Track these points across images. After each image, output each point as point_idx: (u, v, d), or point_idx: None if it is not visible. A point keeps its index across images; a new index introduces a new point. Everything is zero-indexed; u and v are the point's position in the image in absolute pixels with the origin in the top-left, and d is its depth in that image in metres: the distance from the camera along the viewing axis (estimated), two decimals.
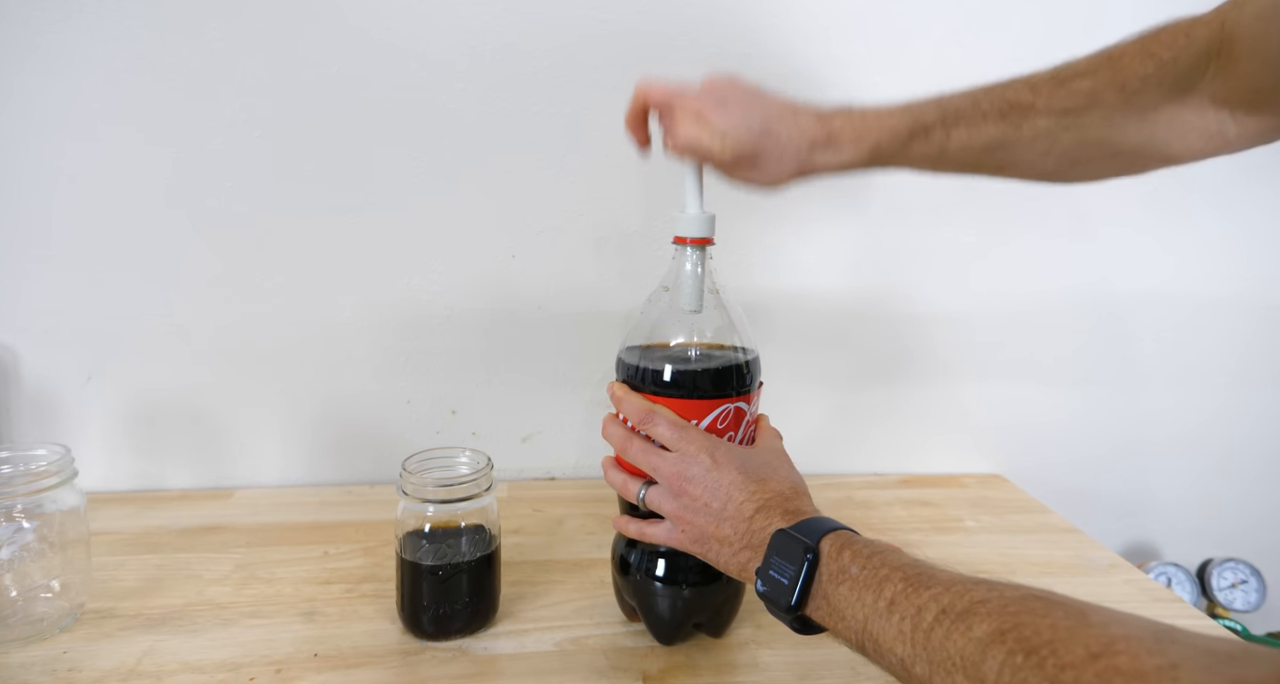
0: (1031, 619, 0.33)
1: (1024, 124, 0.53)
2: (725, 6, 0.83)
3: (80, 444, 0.66)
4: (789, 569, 0.44)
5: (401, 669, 0.56)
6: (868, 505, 0.88)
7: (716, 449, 0.52)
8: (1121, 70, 0.51)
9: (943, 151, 0.54)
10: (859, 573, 0.42)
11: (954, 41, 0.87)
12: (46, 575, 0.60)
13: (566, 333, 0.89)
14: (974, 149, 0.54)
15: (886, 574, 0.41)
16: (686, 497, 0.51)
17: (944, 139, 0.54)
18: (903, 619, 0.38)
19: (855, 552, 0.43)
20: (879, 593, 0.40)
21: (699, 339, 0.56)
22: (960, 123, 0.53)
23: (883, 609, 0.39)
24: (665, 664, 0.58)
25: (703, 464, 0.51)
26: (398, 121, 0.82)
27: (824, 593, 0.43)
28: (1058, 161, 0.54)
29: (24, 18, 0.75)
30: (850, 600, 0.41)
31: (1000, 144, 0.53)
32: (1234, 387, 1.00)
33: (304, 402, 0.87)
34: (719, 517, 0.50)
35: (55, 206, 0.79)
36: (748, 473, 0.51)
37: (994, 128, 0.53)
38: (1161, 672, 0.27)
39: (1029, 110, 0.52)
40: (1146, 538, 1.04)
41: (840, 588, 0.42)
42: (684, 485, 0.51)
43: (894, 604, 0.39)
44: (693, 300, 0.56)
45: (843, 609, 0.42)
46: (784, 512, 0.48)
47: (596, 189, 0.86)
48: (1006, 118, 0.53)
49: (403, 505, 0.59)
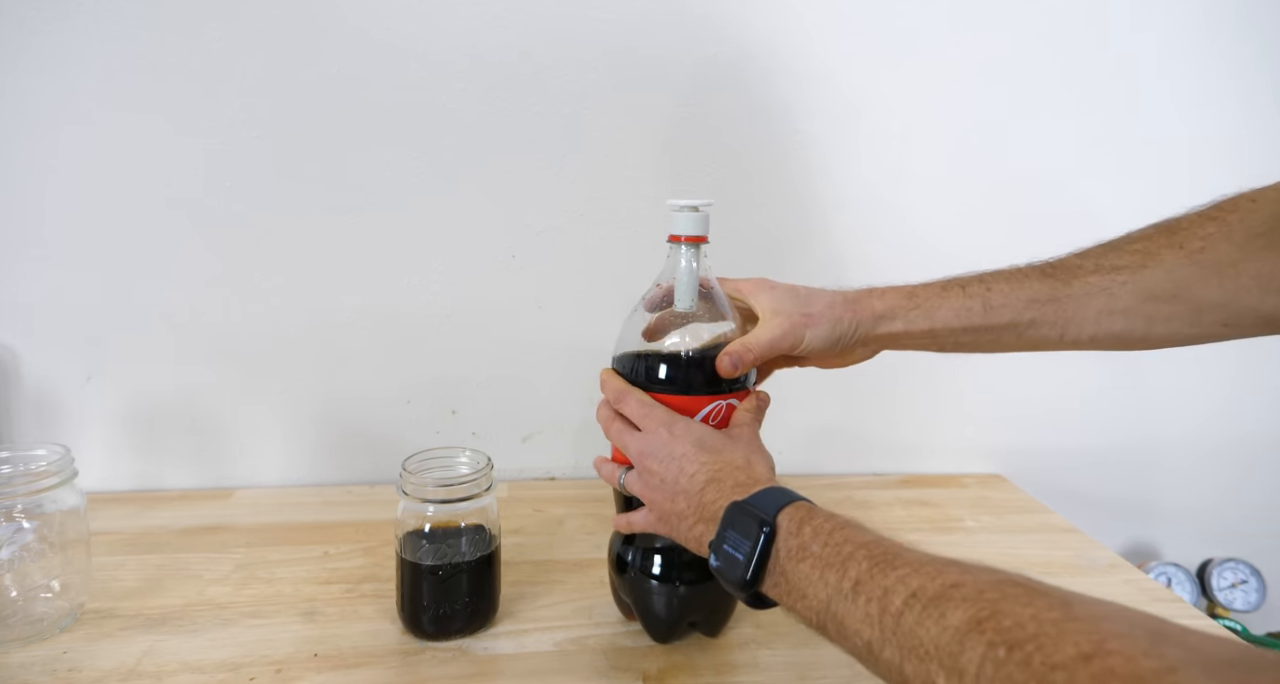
0: (1011, 608, 0.31)
1: (1073, 281, 0.52)
2: (725, 6, 0.83)
3: (80, 444, 0.66)
4: (744, 544, 0.43)
5: (401, 669, 0.56)
6: (868, 505, 0.88)
7: (675, 423, 0.52)
8: (1178, 233, 0.51)
9: (986, 304, 0.53)
10: (820, 550, 0.40)
11: (954, 42, 0.87)
12: (46, 575, 0.60)
13: (566, 333, 0.89)
14: (1019, 300, 0.53)
15: (850, 552, 0.39)
16: (648, 473, 0.51)
17: (983, 290, 0.54)
18: (869, 601, 0.36)
19: (816, 528, 0.41)
20: (843, 573, 0.38)
21: (692, 336, 0.56)
22: (999, 279, 0.54)
23: (847, 590, 0.38)
24: (665, 664, 0.58)
25: (660, 437, 0.51)
26: (398, 121, 0.82)
27: (782, 569, 0.41)
28: (1126, 320, 0.52)
29: (20, 16, 0.75)
30: (811, 579, 0.40)
31: (1050, 298, 0.52)
32: (1235, 387, 1.00)
33: (304, 401, 0.87)
34: (673, 490, 0.49)
35: (55, 207, 0.79)
36: (702, 445, 0.50)
37: (1038, 284, 0.53)
38: (1160, 676, 0.26)
39: (1075, 270, 0.52)
40: (1146, 538, 1.04)
41: (800, 565, 0.40)
42: (646, 462, 0.52)
43: (859, 585, 0.37)
44: (687, 298, 0.56)
45: (803, 588, 0.40)
46: (736, 483, 0.47)
47: (596, 189, 0.86)
48: (1051, 276, 0.53)
49: (403, 505, 0.60)
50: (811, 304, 0.55)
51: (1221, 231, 0.49)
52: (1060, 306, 0.52)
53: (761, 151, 0.88)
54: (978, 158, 0.91)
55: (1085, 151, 0.92)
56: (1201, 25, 0.90)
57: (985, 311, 0.53)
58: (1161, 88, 0.92)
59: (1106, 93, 0.91)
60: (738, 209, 0.89)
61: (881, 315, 0.55)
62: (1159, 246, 0.51)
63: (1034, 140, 0.91)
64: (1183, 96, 0.92)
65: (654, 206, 0.87)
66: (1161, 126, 0.93)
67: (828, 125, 0.88)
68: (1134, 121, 0.92)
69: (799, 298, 0.55)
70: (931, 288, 0.55)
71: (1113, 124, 0.92)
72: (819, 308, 0.55)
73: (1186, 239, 0.50)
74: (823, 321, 0.54)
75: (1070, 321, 0.53)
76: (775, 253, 0.90)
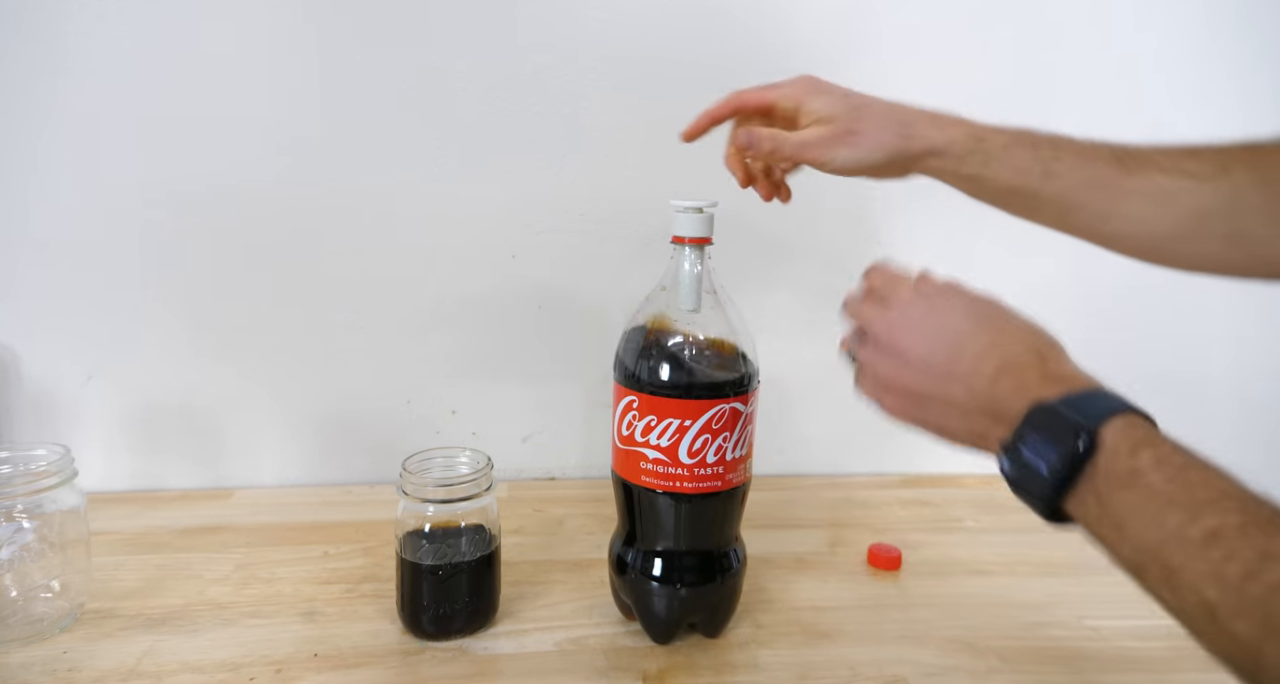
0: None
1: (1138, 173, 0.47)
2: (725, 6, 0.83)
3: (80, 444, 0.66)
4: (1051, 453, 0.35)
5: (401, 669, 0.56)
6: (868, 505, 0.88)
7: (934, 293, 0.44)
8: (1261, 154, 0.45)
9: (1048, 171, 0.48)
10: (1164, 485, 0.32)
11: (954, 42, 0.87)
12: (46, 575, 0.60)
13: (566, 333, 0.89)
14: (1078, 179, 0.48)
15: (1211, 497, 0.31)
16: (898, 354, 0.43)
17: (1051, 158, 0.49)
18: (1228, 560, 0.29)
19: (1160, 456, 0.33)
20: (1194, 517, 0.31)
21: (696, 339, 0.56)
22: (1069, 148, 0.49)
23: (1196, 538, 0.30)
24: (664, 664, 0.58)
25: (919, 310, 0.43)
26: (397, 122, 0.82)
27: (1098, 493, 0.34)
28: (1172, 227, 0.47)
29: (20, 15, 0.75)
30: (1141, 513, 0.32)
31: (1108, 184, 0.48)
32: (1235, 387, 1.00)
33: (304, 402, 0.87)
34: (945, 375, 0.40)
35: (55, 207, 0.79)
36: (982, 319, 0.42)
37: (1106, 167, 0.48)
38: None
39: (1145, 162, 0.47)
40: None
41: (1128, 494, 0.33)
42: (898, 337, 0.43)
43: (1217, 537, 0.30)
44: (690, 300, 0.56)
45: (1125, 519, 0.32)
46: (1042, 375, 0.38)
47: (596, 189, 0.86)
48: (1122, 162, 0.48)
49: (403, 505, 0.59)
50: (861, 120, 0.50)
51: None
52: (1113, 197, 0.47)
53: None
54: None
55: None
56: (1203, 24, 0.90)
57: (1044, 178, 0.48)
58: (1158, 85, 0.91)
59: (1109, 92, 0.91)
60: (740, 210, 0.89)
61: (937, 150, 0.50)
62: (1237, 162, 0.45)
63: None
64: (1180, 95, 0.92)
65: (656, 207, 0.87)
66: (1164, 126, 0.92)
67: None
68: (1136, 121, 0.92)
69: (852, 107, 0.50)
70: (1003, 135, 0.50)
71: (1113, 124, 0.92)
72: (869, 126, 0.50)
73: (1267, 163, 0.45)
74: (863, 145, 0.50)
75: (1117, 213, 0.48)
76: (776, 253, 0.90)
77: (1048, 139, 0.49)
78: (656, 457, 0.56)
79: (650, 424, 0.55)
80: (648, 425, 0.55)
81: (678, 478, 0.56)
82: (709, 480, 0.56)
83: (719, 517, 0.59)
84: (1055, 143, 0.49)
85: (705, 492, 0.56)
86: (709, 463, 0.55)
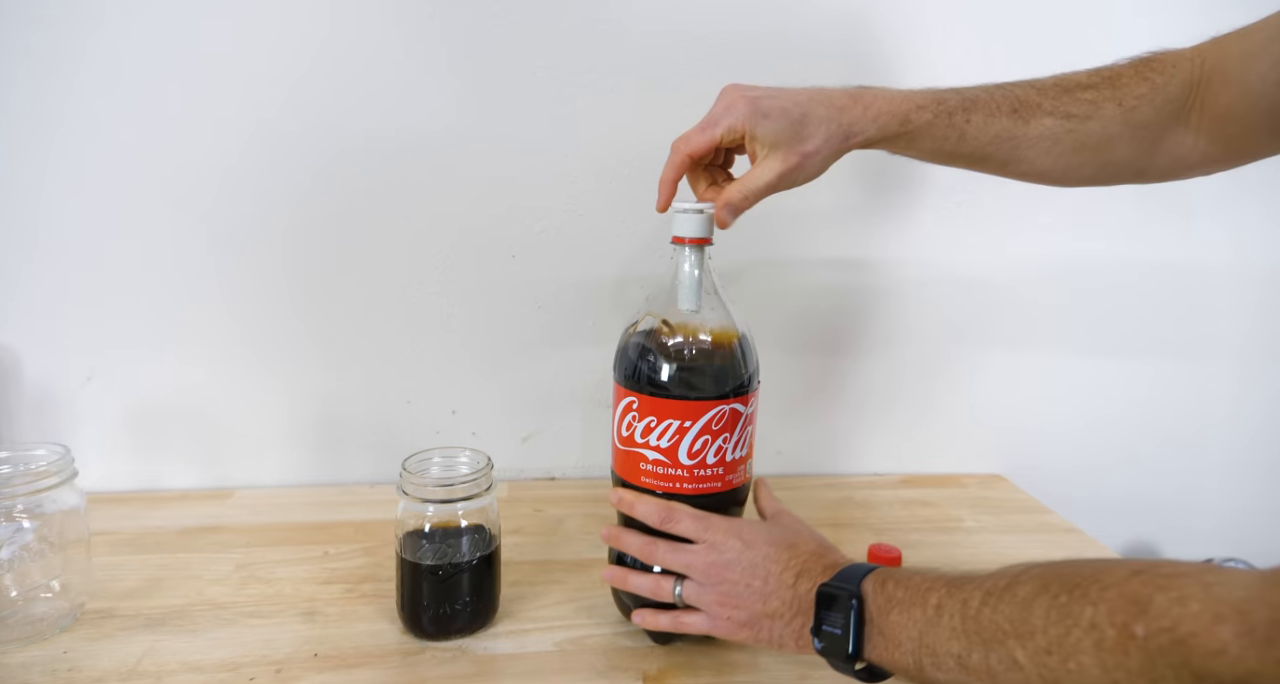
0: (1073, 569, 0.36)
1: (1031, 121, 0.56)
2: (724, 6, 0.83)
3: (80, 444, 0.66)
4: (839, 618, 0.46)
5: (401, 669, 0.56)
6: (868, 505, 0.88)
7: (742, 529, 0.53)
8: (1120, 88, 0.56)
9: (962, 135, 0.56)
10: (904, 595, 0.44)
11: (954, 42, 0.87)
12: (46, 575, 0.60)
13: (566, 333, 0.89)
14: (987, 136, 0.56)
15: (928, 586, 0.43)
16: (727, 583, 0.52)
17: (964, 123, 0.56)
18: (951, 616, 0.40)
19: (897, 580, 0.45)
20: (925, 604, 0.42)
21: (696, 340, 0.56)
22: (977, 109, 0.56)
23: (931, 616, 0.41)
24: (664, 664, 0.58)
25: (734, 547, 0.52)
26: (397, 121, 0.82)
27: (878, 628, 0.44)
28: (1055, 162, 0.57)
29: (24, 14, 0.75)
30: (902, 623, 0.43)
31: (1009, 136, 0.56)
32: (1235, 388, 1.00)
33: (304, 402, 0.87)
34: (763, 594, 0.51)
35: (55, 207, 0.79)
36: (777, 543, 0.52)
37: (1006, 120, 0.56)
38: (1203, 570, 0.32)
39: (1036, 109, 0.56)
40: (1146, 538, 1.04)
41: (890, 616, 0.44)
42: (723, 573, 0.52)
43: (941, 608, 0.41)
44: (691, 300, 0.56)
45: (897, 635, 0.43)
46: (822, 568, 0.50)
47: (596, 189, 0.86)
48: (1017, 113, 0.56)
49: (403, 505, 0.59)
50: (808, 137, 0.54)
51: (1149, 93, 0.56)
52: (1015, 145, 0.57)
53: None
54: None
55: None
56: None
57: (959, 142, 0.56)
58: None
59: None
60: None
61: (871, 140, 0.56)
62: (1104, 99, 0.56)
63: None
64: None
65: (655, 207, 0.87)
66: None
67: None
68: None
69: (793, 123, 0.53)
70: (924, 113, 0.56)
71: None
72: (816, 142, 0.54)
73: (1125, 96, 0.56)
74: (816, 162, 0.54)
75: (1015, 159, 0.58)
76: (777, 254, 0.90)
77: (960, 102, 0.56)
78: (656, 457, 0.56)
79: (650, 425, 0.55)
80: (647, 426, 0.55)
81: (677, 479, 0.56)
82: (709, 481, 0.56)
83: None
84: (966, 105, 0.56)
85: (705, 492, 0.56)
86: (709, 464, 0.55)
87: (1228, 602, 0.30)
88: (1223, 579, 0.31)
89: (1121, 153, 0.57)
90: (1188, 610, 0.30)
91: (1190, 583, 0.31)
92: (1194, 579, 0.31)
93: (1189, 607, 0.31)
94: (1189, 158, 0.57)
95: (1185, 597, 0.31)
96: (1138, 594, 0.32)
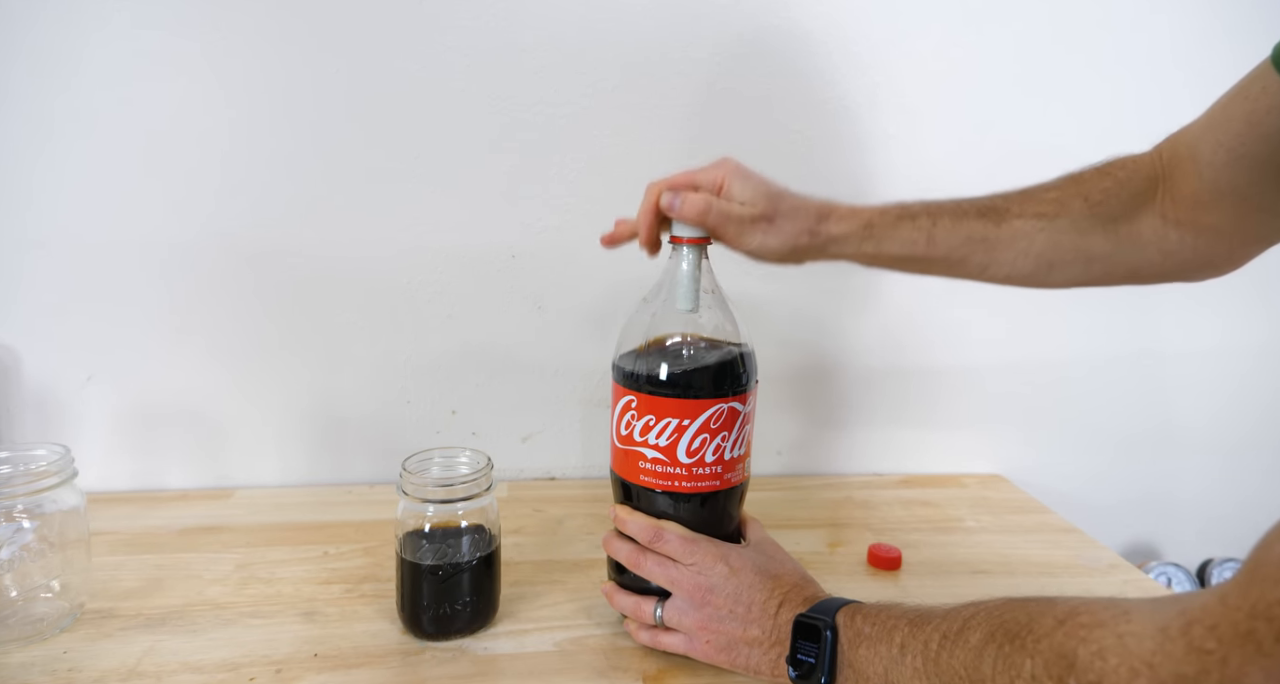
0: (1012, 615, 0.38)
1: (1002, 223, 0.57)
2: (724, 7, 0.83)
3: (80, 444, 0.66)
4: (813, 648, 0.48)
5: (401, 669, 0.56)
6: (868, 505, 0.88)
7: (729, 555, 0.54)
8: (1084, 184, 0.57)
9: (930, 238, 0.57)
10: (871, 631, 0.46)
11: (955, 42, 0.87)
12: (46, 575, 0.60)
13: (566, 333, 0.89)
14: (957, 238, 0.57)
15: (893, 623, 0.45)
16: (710, 607, 0.53)
17: (930, 225, 0.57)
18: (914, 656, 0.42)
19: (865, 614, 0.47)
20: (890, 642, 0.44)
21: (695, 339, 0.56)
22: (944, 215, 0.58)
23: (896, 655, 0.44)
24: (665, 664, 0.58)
25: (720, 573, 0.53)
26: (397, 121, 0.82)
27: (848, 661, 0.46)
28: (1035, 263, 0.58)
29: (24, 13, 0.75)
30: (869, 658, 0.45)
31: (981, 237, 0.57)
32: (1235, 387, 1.00)
33: (304, 401, 0.87)
34: (745, 620, 0.52)
35: (55, 206, 0.79)
36: (762, 572, 0.54)
37: (975, 222, 0.57)
38: (1116, 617, 0.34)
39: (1005, 213, 0.58)
40: (1146, 538, 1.04)
41: (859, 650, 0.46)
42: (707, 596, 0.53)
43: (905, 647, 0.43)
44: (689, 300, 0.56)
45: (865, 670, 0.45)
46: (802, 599, 0.52)
47: (596, 189, 0.86)
48: (986, 216, 0.58)
49: (403, 505, 0.60)
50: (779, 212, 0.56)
51: (1114, 186, 0.57)
52: (989, 247, 0.57)
53: (763, 151, 0.88)
54: (983, 156, 0.90)
55: (1089, 150, 0.92)
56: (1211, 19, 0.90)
57: (928, 244, 0.57)
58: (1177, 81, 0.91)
59: (1114, 91, 0.91)
60: None
61: (836, 240, 0.57)
62: (1070, 197, 0.57)
63: (1037, 139, 0.91)
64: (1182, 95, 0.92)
65: None
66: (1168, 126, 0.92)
67: (829, 125, 0.88)
68: (1138, 121, 0.92)
69: (770, 196, 0.56)
70: (887, 216, 0.58)
71: (1116, 123, 0.92)
72: (783, 219, 0.56)
73: (1090, 191, 0.57)
74: (775, 233, 0.56)
75: (993, 262, 0.58)
76: None
77: (924, 209, 0.58)
78: (655, 456, 0.56)
79: (649, 424, 0.55)
80: (646, 425, 0.55)
81: (676, 477, 0.56)
82: (707, 480, 0.56)
83: (717, 516, 0.59)
84: (930, 211, 0.58)
85: (703, 491, 0.56)
86: (707, 462, 0.55)
87: (1139, 656, 0.31)
88: (1133, 630, 0.32)
89: (1100, 247, 0.57)
90: (1108, 665, 0.32)
91: (1106, 635, 0.33)
92: (1109, 630, 0.33)
93: (1109, 661, 0.32)
94: (1180, 252, 0.56)
95: (1104, 650, 0.33)
96: (1064, 648, 0.34)
